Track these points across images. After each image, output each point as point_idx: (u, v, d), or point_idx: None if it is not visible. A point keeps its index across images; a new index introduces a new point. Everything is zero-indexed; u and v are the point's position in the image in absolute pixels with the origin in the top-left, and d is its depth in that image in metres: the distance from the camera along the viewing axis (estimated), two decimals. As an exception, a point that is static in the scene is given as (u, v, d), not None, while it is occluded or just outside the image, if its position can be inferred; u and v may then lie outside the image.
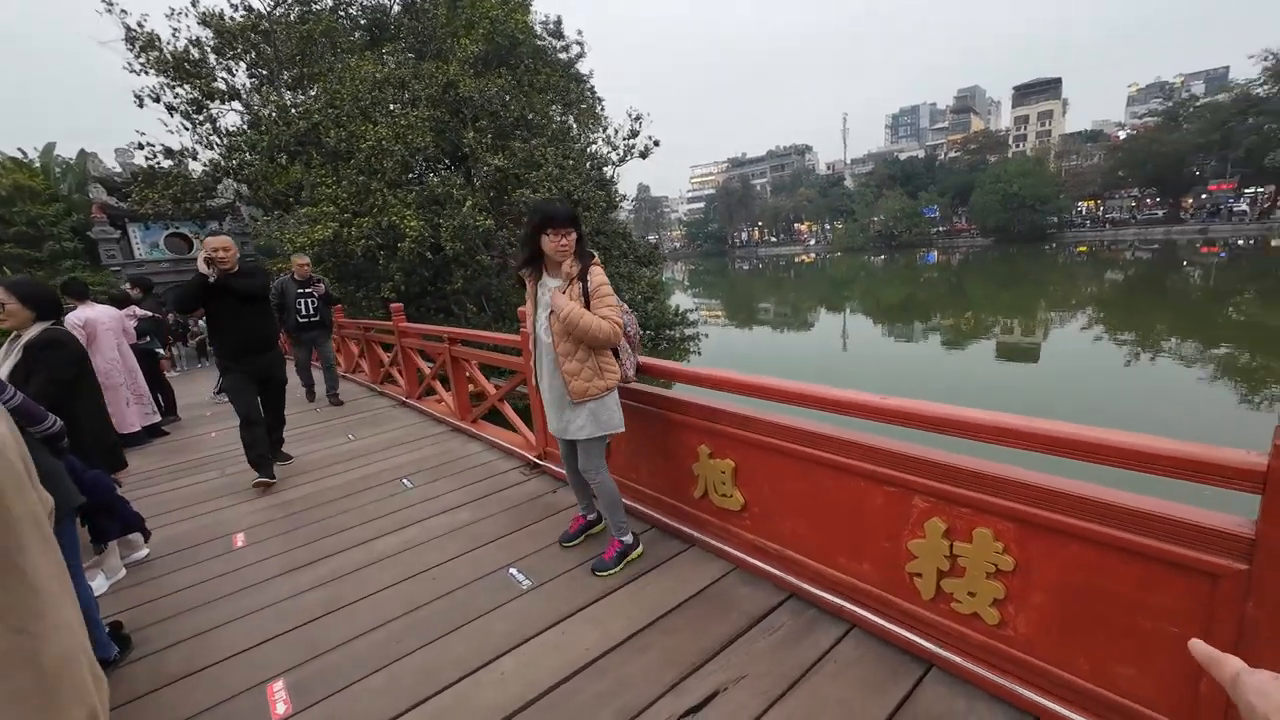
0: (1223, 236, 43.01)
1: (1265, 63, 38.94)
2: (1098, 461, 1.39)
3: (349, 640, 2.23)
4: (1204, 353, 15.88)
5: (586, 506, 2.86)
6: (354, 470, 4.24)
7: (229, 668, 2.14)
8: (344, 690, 1.96)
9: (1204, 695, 1.33)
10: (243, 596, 2.64)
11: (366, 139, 11.50)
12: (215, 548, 3.17)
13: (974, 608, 1.72)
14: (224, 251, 3.66)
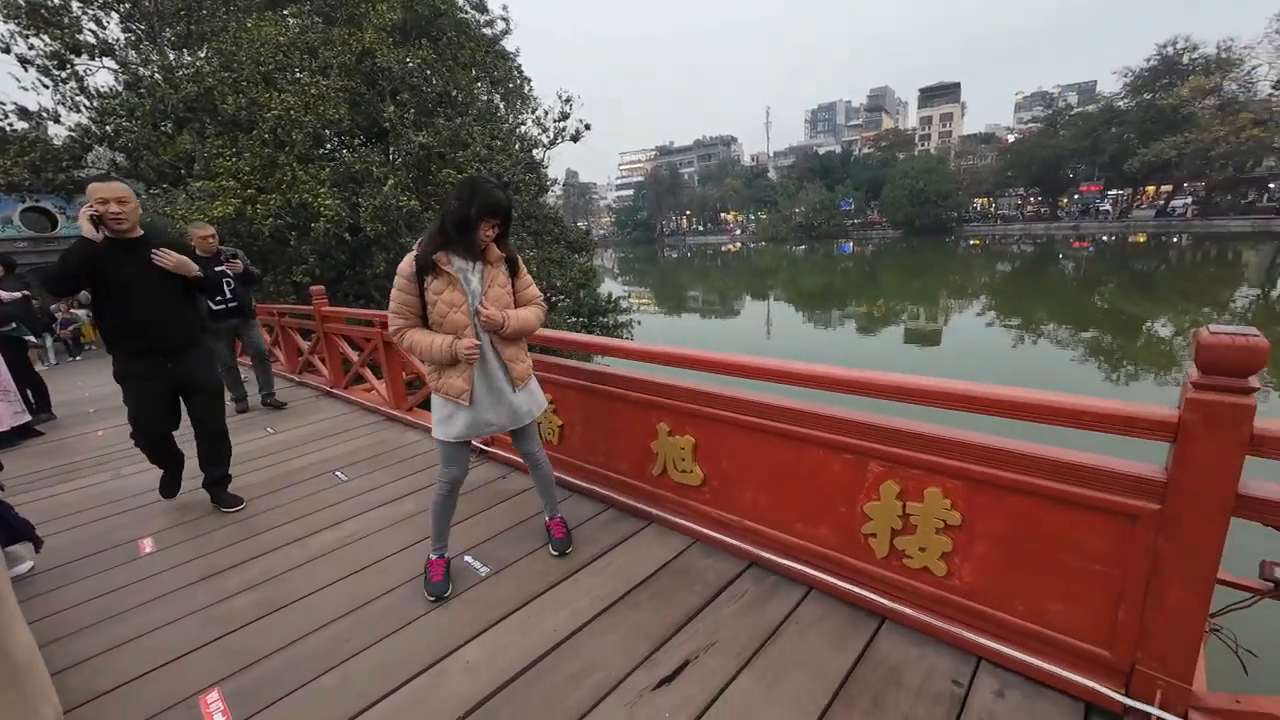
0: (1091, 233, 48.46)
1: (1125, 79, 44.06)
2: (1036, 420, 1.53)
3: (292, 642, 2.07)
4: (1076, 336, 17.92)
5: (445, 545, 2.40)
6: (277, 465, 3.92)
7: (151, 682, 1.92)
8: (294, 693, 1.82)
9: (1121, 621, 1.51)
10: (159, 606, 2.38)
11: (271, 108, 10.52)
12: (117, 555, 2.83)
13: (924, 562, 1.85)
14: (119, 205, 2.65)
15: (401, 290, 2.10)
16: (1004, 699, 1.63)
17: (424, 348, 2.10)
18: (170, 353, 2.92)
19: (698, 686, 1.74)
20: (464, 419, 2.21)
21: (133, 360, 2.86)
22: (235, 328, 5.26)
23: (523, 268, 2.31)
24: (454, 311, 2.10)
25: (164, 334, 2.88)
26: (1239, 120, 35.83)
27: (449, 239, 2.07)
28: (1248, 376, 1.23)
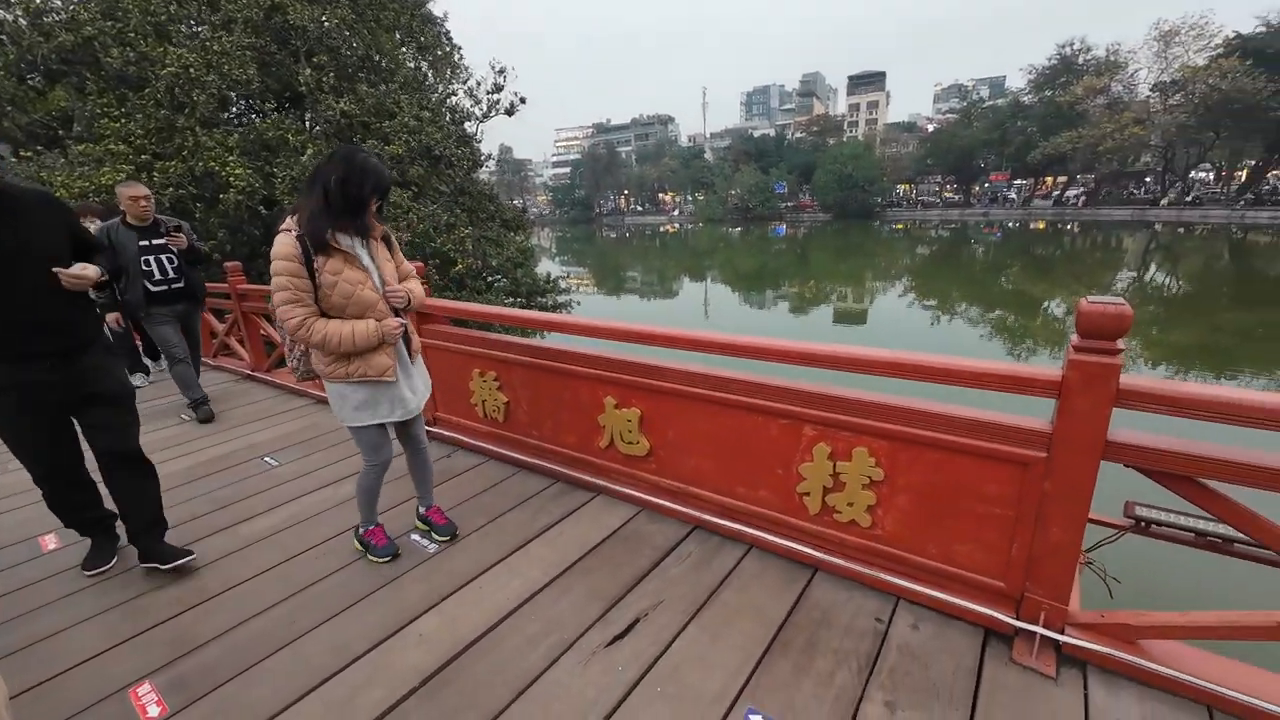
0: (999, 219, 52.34)
1: (1030, 76, 47.49)
2: (949, 383, 1.71)
3: (230, 629, 2.00)
4: (985, 315, 19.48)
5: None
6: (196, 453, 3.67)
7: (73, 678, 1.81)
8: (237, 678, 1.77)
9: (1014, 556, 1.73)
10: (71, 603, 2.21)
11: (166, 64, 9.50)
12: (17, 553, 2.59)
13: (851, 516, 2.03)
14: None
15: (293, 275, 1.89)
16: (918, 630, 1.84)
17: (345, 337, 1.96)
18: (50, 356, 2.08)
19: (648, 640, 1.84)
20: (388, 398, 2.13)
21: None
22: (182, 315, 4.26)
23: (395, 242, 2.24)
24: (360, 289, 1.98)
25: (35, 331, 2.04)
26: (1123, 119, 39.57)
27: (335, 216, 1.91)
28: (1116, 340, 1.44)
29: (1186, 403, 1.38)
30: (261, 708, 1.67)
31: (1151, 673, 1.57)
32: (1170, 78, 39.09)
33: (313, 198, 1.90)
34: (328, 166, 1.89)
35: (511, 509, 2.71)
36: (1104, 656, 1.63)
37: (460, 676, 1.74)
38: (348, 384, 2.07)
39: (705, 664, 1.75)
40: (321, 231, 1.89)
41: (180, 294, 4.13)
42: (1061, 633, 1.69)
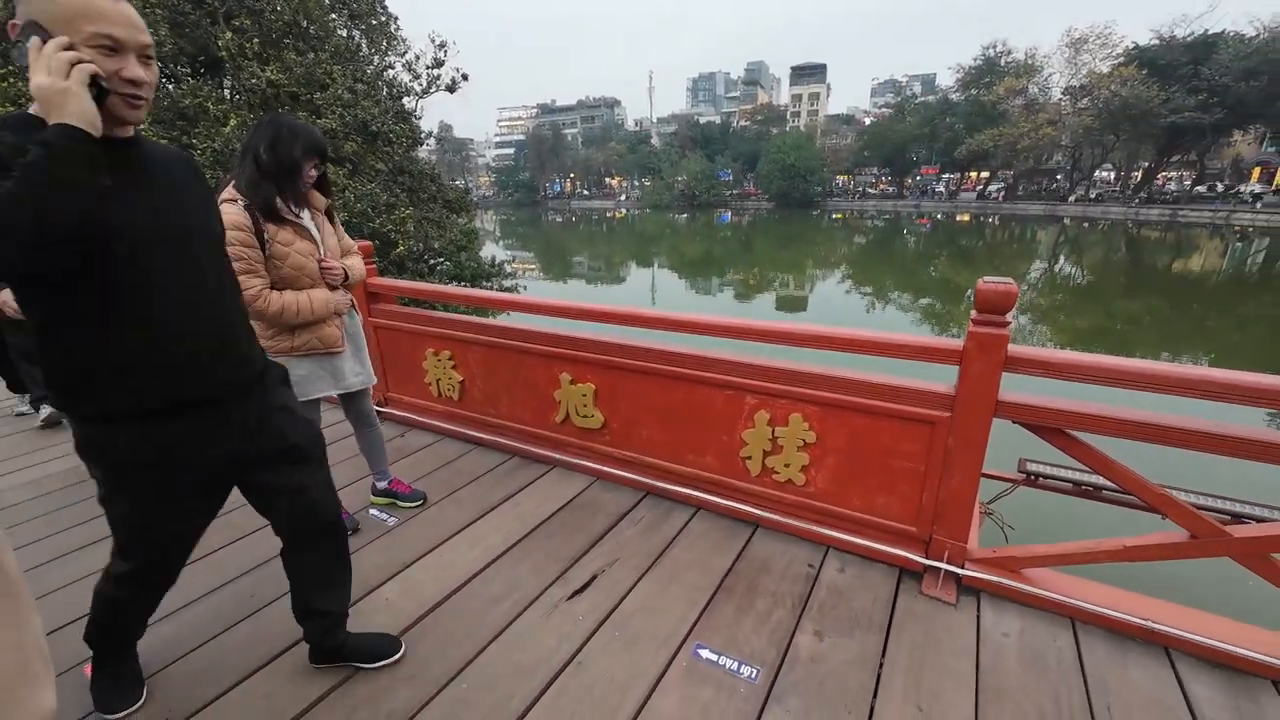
0: (929, 211, 55.34)
1: (958, 75, 50.15)
2: (872, 354, 1.94)
3: (186, 605, 2.00)
4: (915, 302, 20.72)
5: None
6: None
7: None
8: (196, 650, 1.79)
9: (924, 504, 2.00)
10: (3, 590, 2.13)
11: (64, 19, 8.64)
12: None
13: (788, 476, 2.25)
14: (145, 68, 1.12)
15: (245, 245, 1.81)
16: (844, 573, 2.08)
17: (304, 307, 1.95)
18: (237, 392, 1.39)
19: (605, 593, 2.00)
20: (330, 371, 2.14)
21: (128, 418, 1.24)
22: None
23: (335, 217, 2.23)
24: (312, 261, 1.99)
25: (226, 357, 1.36)
26: (1038, 119, 42.59)
27: (274, 183, 1.86)
28: (1005, 314, 1.69)
29: (1058, 366, 1.65)
30: (227, 675, 1.71)
31: (1030, 594, 1.87)
32: (1079, 82, 42.33)
33: (245, 168, 1.85)
34: (256, 134, 1.86)
35: (468, 483, 2.79)
36: (994, 584, 1.92)
37: (428, 635, 1.84)
38: (291, 358, 2.03)
39: (657, 611, 1.92)
40: (269, 199, 1.85)
41: None
42: (962, 567, 1.97)
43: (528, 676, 1.67)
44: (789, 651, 1.75)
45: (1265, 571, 1.60)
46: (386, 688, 1.64)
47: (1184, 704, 1.55)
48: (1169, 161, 43.33)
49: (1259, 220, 35.57)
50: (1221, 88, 33.62)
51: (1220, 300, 18.74)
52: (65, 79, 0.98)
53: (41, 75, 0.97)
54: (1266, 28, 34.53)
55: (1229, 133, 38.54)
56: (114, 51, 1.07)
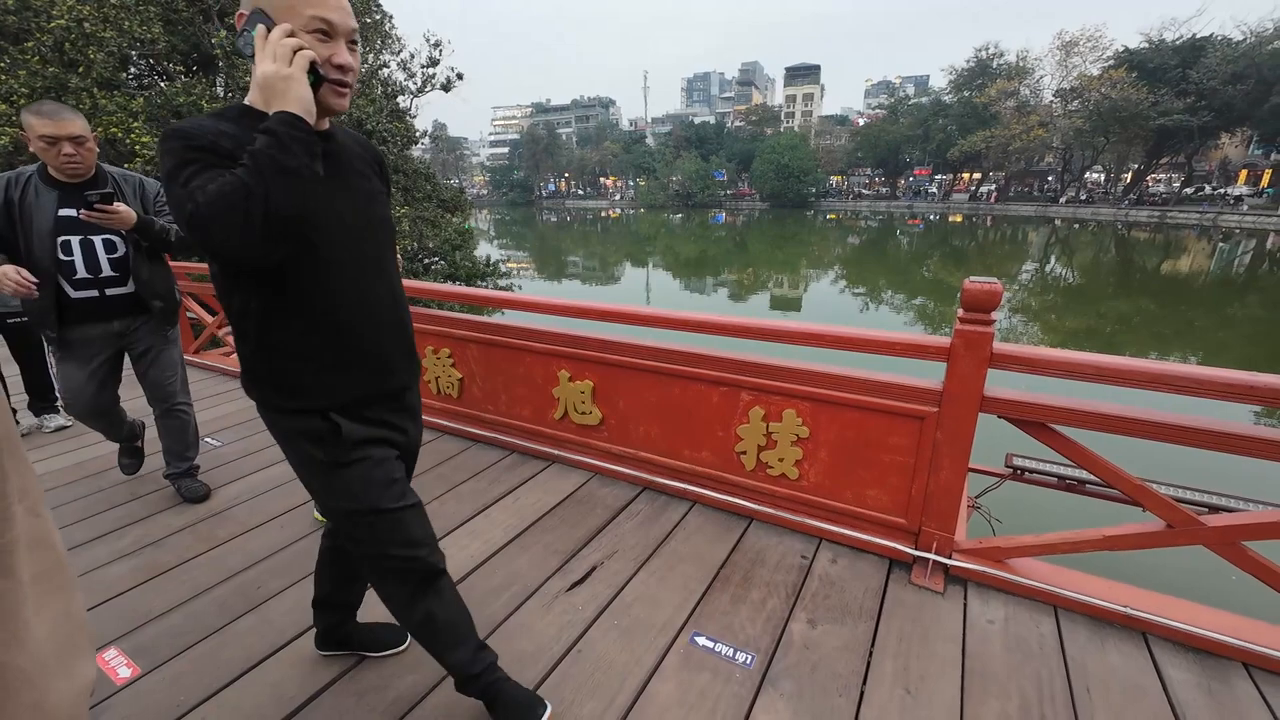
0: (921, 212, 55.71)
1: (950, 77, 50.51)
2: (863, 351, 2.00)
3: (191, 598, 2.03)
4: (908, 302, 20.87)
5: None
6: (125, 436, 3.52)
7: (28, 652, 1.81)
8: (204, 640, 1.83)
9: (913, 496, 2.06)
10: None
11: (54, 15, 8.59)
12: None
13: (782, 470, 2.31)
14: None
15: None
16: (836, 564, 2.14)
17: None
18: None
19: (604, 585, 2.05)
20: None
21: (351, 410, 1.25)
22: (121, 338, 2.47)
23: None
24: None
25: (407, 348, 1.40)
26: (1029, 121, 42.98)
27: None
28: (990, 312, 1.76)
29: (1040, 362, 1.72)
30: (233, 665, 1.74)
31: (1014, 583, 1.93)
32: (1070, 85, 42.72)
33: None
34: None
35: (468, 479, 2.83)
36: (981, 574, 1.99)
37: (431, 624, 1.88)
38: None
39: (654, 601, 1.97)
40: None
41: (118, 304, 2.38)
42: (949, 558, 2.03)
43: (529, 664, 1.72)
44: (783, 638, 1.80)
45: (1237, 559, 1.67)
46: (392, 675, 1.69)
47: (1159, 686, 1.62)
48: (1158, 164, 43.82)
49: (1245, 222, 36.07)
50: (1209, 91, 34.07)
51: (1207, 301, 19.01)
52: (289, 66, 0.98)
53: (267, 63, 0.98)
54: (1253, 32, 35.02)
55: (1216, 135, 39.03)
56: (327, 37, 1.07)
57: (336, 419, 1.20)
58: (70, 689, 0.75)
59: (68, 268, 2.26)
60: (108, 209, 2.13)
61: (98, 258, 2.31)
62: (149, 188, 2.44)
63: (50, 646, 0.69)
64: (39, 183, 2.23)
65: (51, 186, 2.24)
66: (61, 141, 2.16)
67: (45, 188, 2.23)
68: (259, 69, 0.99)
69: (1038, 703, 1.58)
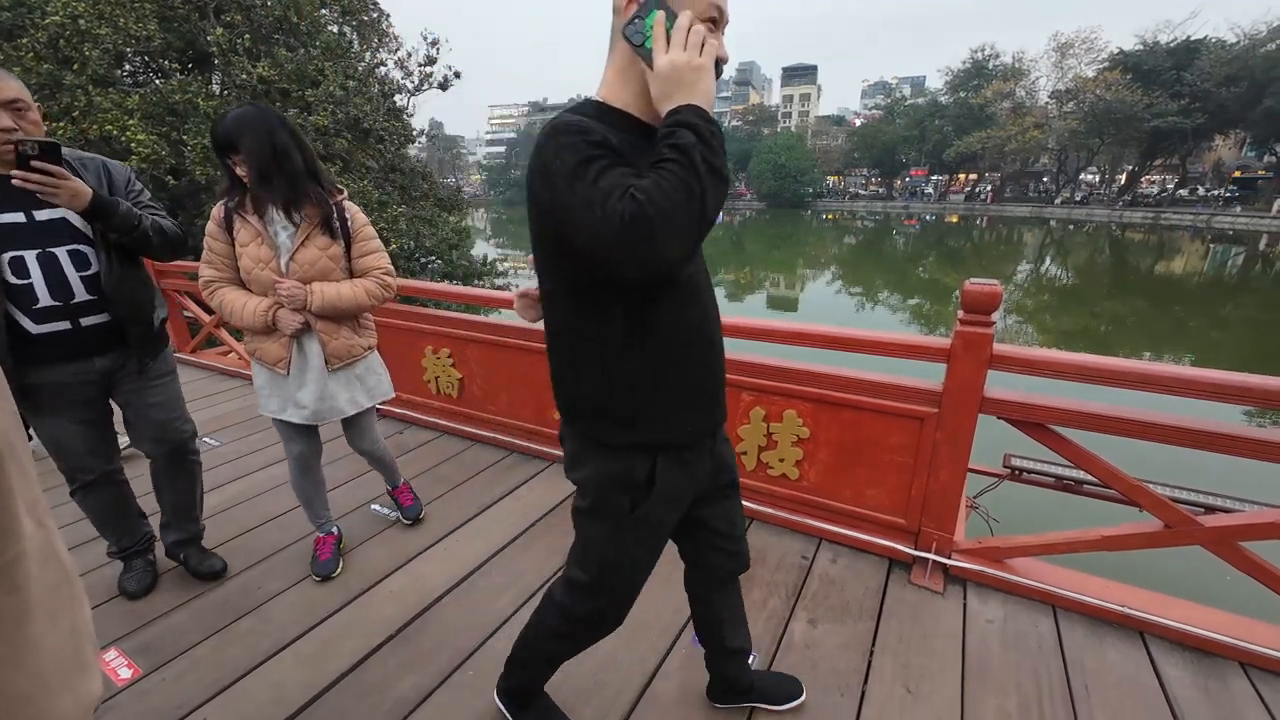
0: (918, 212, 55.88)
1: (946, 78, 50.69)
2: (864, 352, 2.02)
3: (190, 599, 2.03)
4: (904, 302, 20.95)
5: (327, 520, 2.25)
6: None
7: (28, 653, 1.80)
8: (206, 640, 1.83)
9: (913, 496, 2.07)
10: (7, 584, 2.15)
11: (49, 12, 8.55)
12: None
13: (782, 470, 2.32)
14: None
15: (211, 238, 1.83)
16: (836, 563, 2.16)
17: (235, 310, 1.84)
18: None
19: (606, 584, 2.05)
20: (281, 393, 1.96)
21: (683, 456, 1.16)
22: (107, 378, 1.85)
23: (363, 230, 1.96)
24: (261, 269, 1.81)
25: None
26: (1025, 122, 43.16)
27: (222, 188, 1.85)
28: (990, 313, 1.77)
29: (1039, 363, 1.73)
30: (237, 664, 1.75)
31: (1013, 583, 1.95)
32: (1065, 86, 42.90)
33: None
34: None
35: (468, 479, 2.84)
36: (980, 574, 2.00)
37: (432, 624, 1.88)
38: (254, 363, 1.97)
39: (656, 600, 1.97)
40: (228, 199, 1.81)
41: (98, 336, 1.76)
42: (949, 558, 2.05)
43: (532, 663, 1.72)
44: (784, 638, 1.81)
45: (1233, 559, 1.69)
46: (394, 675, 1.69)
47: (1156, 684, 1.64)
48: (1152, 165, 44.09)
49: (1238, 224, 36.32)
50: (1203, 93, 34.29)
51: (1201, 301, 19.15)
52: (699, 55, 0.86)
53: (677, 51, 0.85)
54: (1247, 35, 35.27)
55: (1210, 137, 39.30)
56: (715, 27, 0.94)
57: (659, 464, 1.07)
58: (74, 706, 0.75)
59: (24, 295, 1.60)
60: (50, 169, 1.49)
61: (65, 277, 1.65)
62: (116, 173, 1.78)
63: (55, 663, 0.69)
64: None
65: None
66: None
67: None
68: (664, 58, 0.86)
69: (1036, 700, 1.59)
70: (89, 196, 1.58)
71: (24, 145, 1.46)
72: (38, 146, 1.47)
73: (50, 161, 1.50)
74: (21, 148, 1.46)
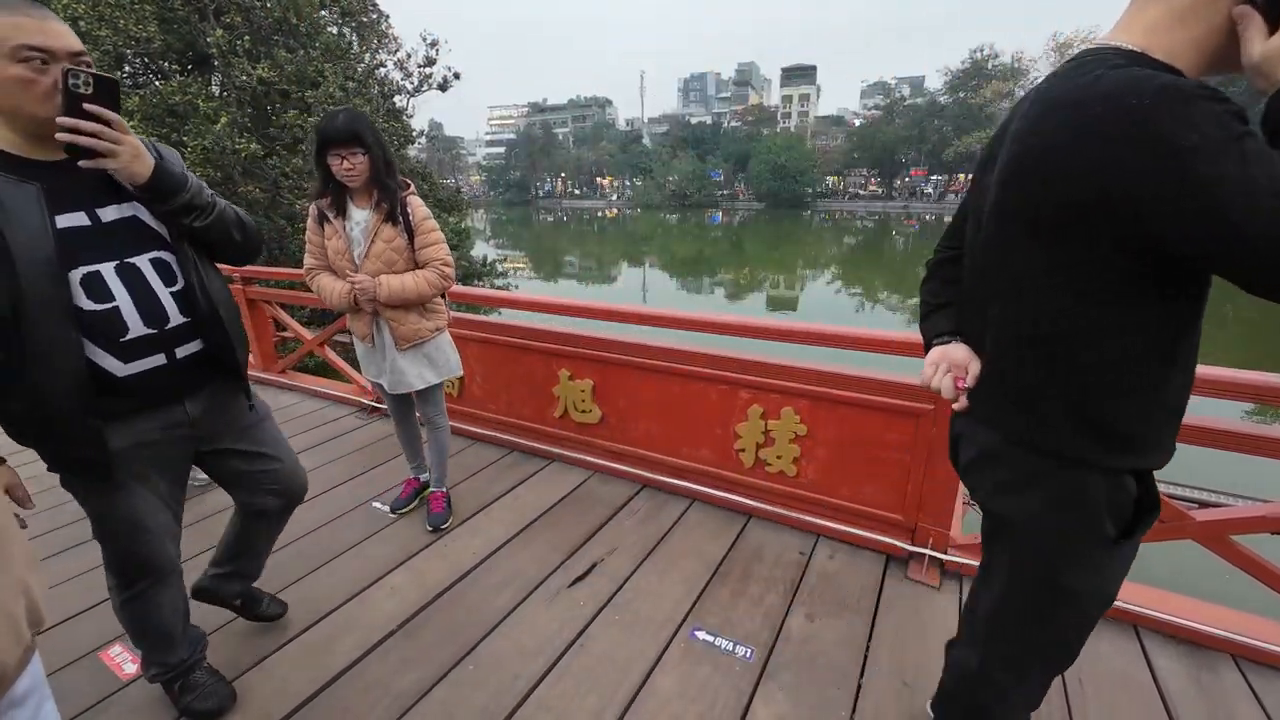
0: (917, 212, 55.90)
1: (945, 77, 50.73)
2: (860, 350, 2.04)
3: (195, 596, 2.05)
4: (904, 302, 20.96)
5: (419, 466, 2.62)
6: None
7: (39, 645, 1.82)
8: (209, 635, 1.84)
9: (909, 493, 2.09)
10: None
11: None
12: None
13: (780, 467, 2.34)
14: None
15: (311, 231, 2.13)
16: (833, 559, 2.18)
17: (328, 292, 2.11)
18: None
19: (605, 579, 2.08)
20: (373, 362, 2.28)
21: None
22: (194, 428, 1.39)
23: (424, 224, 2.11)
24: (338, 259, 2.07)
25: None
26: (1024, 122, 43.16)
27: (315, 188, 2.09)
28: (984, 311, 1.79)
29: (1034, 360, 1.75)
30: (241, 660, 1.76)
31: (1009, 578, 1.97)
32: (1064, 86, 42.89)
33: None
34: None
35: (469, 477, 2.85)
36: (975, 568, 2.01)
37: (434, 620, 1.90)
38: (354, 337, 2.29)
39: (655, 596, 2.00)
40: (315, 196, 2.09)
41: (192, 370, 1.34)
42: (945, 553, 2.07)
43: (532, 658, 1.74)
44: (781, 632, 1.83)
45: (1224, 553, 1.71)
46: (395, 670, 1.71)
47: (1150, 676, 1.66)
48: (1151, 165, 44.09)
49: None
50: (1202, 93, 34.31)
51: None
52: None
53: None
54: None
55: (1209, 137, 39.31)
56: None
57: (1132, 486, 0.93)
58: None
59: (107, 325, 1.18)
60: (108, 116, 1.09)
61: (155, 295, 1.24)
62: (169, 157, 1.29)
63: None
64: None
65: (22, 173, 1.09)
66: (60, 60, 1.06)
67: (4, 177, 1.07)
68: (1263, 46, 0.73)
69: (1031, 693, 1.61)
70: (152, 162, 1.18)
71: (74, 78, 1.04)
72: (92, 82, 1.06)
73: (107, 107, 1.08)
74: (72, 81, 1.04)
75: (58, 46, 1.05)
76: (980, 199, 0.98)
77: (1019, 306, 0.89)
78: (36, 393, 1.12)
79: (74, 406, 1.15)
